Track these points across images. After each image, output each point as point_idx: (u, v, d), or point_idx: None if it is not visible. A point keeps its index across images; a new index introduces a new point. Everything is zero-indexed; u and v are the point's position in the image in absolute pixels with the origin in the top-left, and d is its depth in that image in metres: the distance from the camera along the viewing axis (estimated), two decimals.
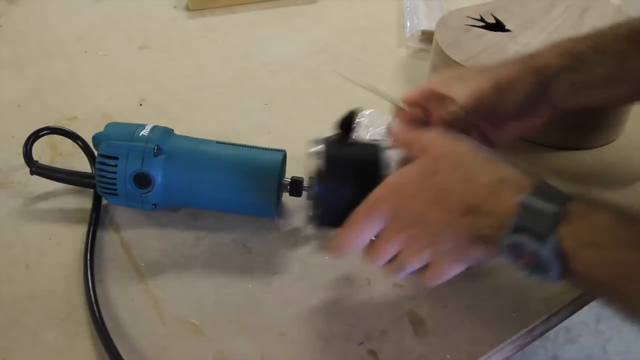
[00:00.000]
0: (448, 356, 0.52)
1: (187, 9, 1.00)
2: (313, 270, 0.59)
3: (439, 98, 0.56)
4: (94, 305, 0.54)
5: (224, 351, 0.52)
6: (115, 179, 0.59)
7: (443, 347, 0.52)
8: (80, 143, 0.67)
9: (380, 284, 0.57)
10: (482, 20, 0.85)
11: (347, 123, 0.55)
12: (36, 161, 0.65)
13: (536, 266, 0.41)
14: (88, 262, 0.58)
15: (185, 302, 0.56)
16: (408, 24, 0.96)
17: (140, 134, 0.60)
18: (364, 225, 0.49)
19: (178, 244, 0.61)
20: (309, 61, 0.88)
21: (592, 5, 0.89)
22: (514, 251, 0.42)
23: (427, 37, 0.91)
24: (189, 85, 0.84)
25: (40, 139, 0.66)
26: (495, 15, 0.85)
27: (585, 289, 0.44)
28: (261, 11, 1.01)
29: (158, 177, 0.59)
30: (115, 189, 0.60)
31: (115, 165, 0.59)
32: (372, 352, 0.52)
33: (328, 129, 0.56)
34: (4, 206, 0.65)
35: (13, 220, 0.63)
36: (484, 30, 0.83)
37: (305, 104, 0.81)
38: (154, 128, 0.61)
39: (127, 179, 0.59)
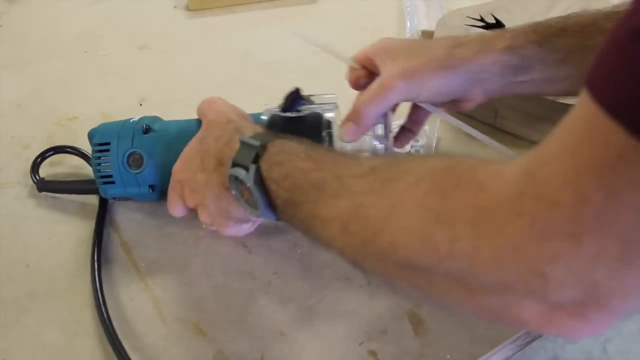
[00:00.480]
0: (448, 356, 0.52)
1: (187, 9, 1.00)
2: (313, 270, 0.59)
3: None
4: (102, 305, 0.54)
5: (224, 351, 0.52)
6: (109, 164, 0.60)
7: (443, 347, 0.52)
8: (84, 157, 0.68)
9: (380, 284, 0.57)
10: (482, 20, 0.85)
11: (291, 99, 0.57)
12: (42, 178, 0.65)
13: (252, 201, 0.47)
14: (95, 262, 0.58)
15: (185, 302, 0.56)
16: (408, 24, 0.96)
17: (130, 121, 0.62)
18: (171, 202, 0.57)
19: (178, 244, 0.61)
20: (309, 61, 0.88)
21: (592, 5, 0.89)
22: (236, 187, 0.48)
23: (427, 37, 0.91)
24: (189, 85, 0.84)
25: (41, 139, 0.66)
26: (495, 15, 0.85)
27: (288, 222, 0.47)
28: (261, 11, 1.01)
29: (149, 154, 0.59)
30: (111, 176, 0.60)
31: (108, 150, 0.60)
32: (372, 352, 0.52)
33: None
34: (4, 206, 0.65)
35: (13, 220, 0.63)
36: (484, 31, 0.83)
37: None
38: (143, 117, 0.63)
39: (120, 162, 0.59)
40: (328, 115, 0.58)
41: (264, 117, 0.59)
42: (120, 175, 0.60)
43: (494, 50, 0.54)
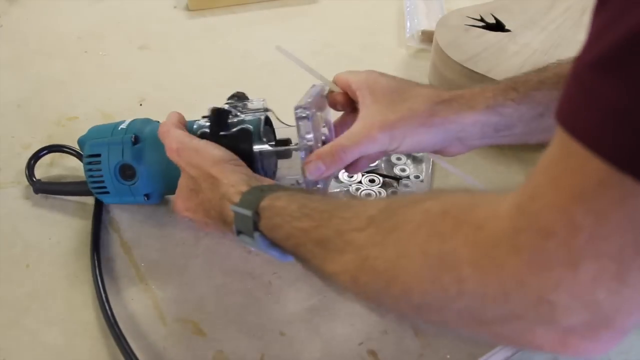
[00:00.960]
0: (448, 356, 0.52)
1: (187, 9, 1.00)
2: None
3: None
4: (105, 304, 0.54)
5: (224, 351, 0.52)
6: (102, 176, 0.59)
7: (443, 347, 0.52)
8: (79, 157, 0.68)
9: None
10: (482, 20, 0.85)
11: (216, 122, 0.58)
12: (39, 180, 0.65)
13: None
14: (95, 261, 0.58)
15: (185, 302, 0.56)
16: (408, 24, 0.96)
17: (120, 128, 0.61)
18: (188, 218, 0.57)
19: (178, 244, 0.61)
20: (309, 61, 0.88)
21: (592, 5, 0.89)
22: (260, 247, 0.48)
23: (427, 37, 0.91)
24: (189, 85, 0.84)
25: (41, 139, 0.66)
26: (495, 15, 0.85)
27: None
28: (261, 11, 1.01)
29: (140, 165, 0.59)
30: (105, 187, 0.60)
31: (99, 162, 0.59)
32: (372, 352, 0.52)
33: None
34: (4, 206, 0.65)
35: (13, 220, 0.63)
36: (484, 30, 0.83)
37: None
38: (133, 121, 0.62)
39: (112, 174, 0.59)
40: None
41: (197, 125, 0.59)
42: (114, 186, 0.60)
43: (474, 110, 0.55)
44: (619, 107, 0.27)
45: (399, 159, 0.71)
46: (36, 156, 0.67)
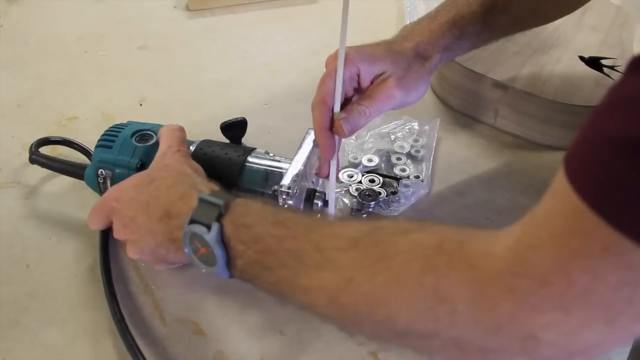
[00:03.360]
0: None
1: (187, 9, 1.00)
2: None
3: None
4: (114, 303, 0.54)
5: (224, 351, 0.52)
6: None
7: None
8: (81, 148, 0.68)
9: None
10: None
11: (229, 128, 0.61)
12: (37, 150, 0.65)
13: (208, 259, 0.47)
14: (104, 259, 0.57)
15: (185, 302, 0.56)
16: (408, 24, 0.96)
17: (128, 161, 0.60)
18: (94, 218, 0.56)
19: None
20: (309, 61, 0.88)
21: (592, 5, 0.89)
22: (191, 244, 0.48)
23: None
24: (189, 85, 0.84)
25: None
26: None
27: (248, 281, 0.48)
28: (261, 11, 1.01)
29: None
30: None
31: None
32: (372, 354, 0.52)
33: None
34: (4, 206, 0.65)
35: (13, 220, 0.63)
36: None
37: (306, 104, 0.80)
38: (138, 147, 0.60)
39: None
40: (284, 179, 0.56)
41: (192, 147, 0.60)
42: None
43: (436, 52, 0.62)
44: (637, 186, 0.29)
45: (399, 159, 0.71)
46: (48, 140, 0.68)
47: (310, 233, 0.44)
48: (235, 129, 0.62)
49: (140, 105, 0.80)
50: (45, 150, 0.67)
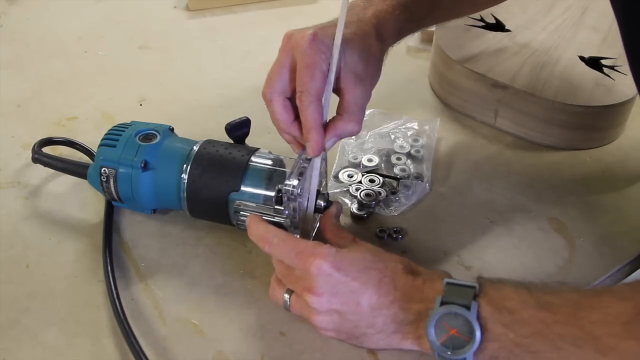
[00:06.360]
0: None
1: (187, 9, 1.00)
2: None
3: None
4: (117, 303, 0.54)
5: (224, 351, 0.52)
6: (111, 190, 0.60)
7: None
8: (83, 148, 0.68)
9: None
10: (482, 20, 0.85)
11: (235, 128, 0.61)
12: (40, 150, 0.66)
13: (456, 341, 0.47)
14: (107, 259, 0.58)
15: (185, 302, 0.56)
16: None
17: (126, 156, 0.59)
18: (277, 293, 0.53)
19: (178, 244, 0.61)
20: None
21: (592, 5, 0.89)
22: (439, 326, 0.47)
23: (427, 37, 0.91)
24: (189, 85, 0.84)
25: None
26: (495, 15, 0.85)
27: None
28: (261, 11, 1.01)
29: (148, 189, 0.59)
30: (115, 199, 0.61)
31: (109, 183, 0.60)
32: (372, 352, 0.52)
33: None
34: (4, 206, 0.65)
35: (13, 220, 0.63)
36: (484, 30, 0.83)
37: None
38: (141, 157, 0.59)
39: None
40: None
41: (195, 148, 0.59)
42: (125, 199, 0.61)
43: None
44: None
45: (399, 159, 0.71)
46: (50, 141, 0.68)
47: (578, 319, 0.45)
48: (241, 128, 0.62)
49: (140, 105, 0.80)
50: (46, 150, 0.68)
